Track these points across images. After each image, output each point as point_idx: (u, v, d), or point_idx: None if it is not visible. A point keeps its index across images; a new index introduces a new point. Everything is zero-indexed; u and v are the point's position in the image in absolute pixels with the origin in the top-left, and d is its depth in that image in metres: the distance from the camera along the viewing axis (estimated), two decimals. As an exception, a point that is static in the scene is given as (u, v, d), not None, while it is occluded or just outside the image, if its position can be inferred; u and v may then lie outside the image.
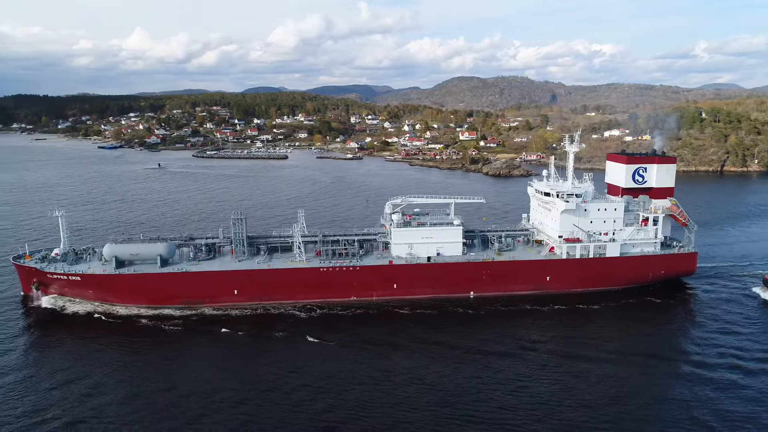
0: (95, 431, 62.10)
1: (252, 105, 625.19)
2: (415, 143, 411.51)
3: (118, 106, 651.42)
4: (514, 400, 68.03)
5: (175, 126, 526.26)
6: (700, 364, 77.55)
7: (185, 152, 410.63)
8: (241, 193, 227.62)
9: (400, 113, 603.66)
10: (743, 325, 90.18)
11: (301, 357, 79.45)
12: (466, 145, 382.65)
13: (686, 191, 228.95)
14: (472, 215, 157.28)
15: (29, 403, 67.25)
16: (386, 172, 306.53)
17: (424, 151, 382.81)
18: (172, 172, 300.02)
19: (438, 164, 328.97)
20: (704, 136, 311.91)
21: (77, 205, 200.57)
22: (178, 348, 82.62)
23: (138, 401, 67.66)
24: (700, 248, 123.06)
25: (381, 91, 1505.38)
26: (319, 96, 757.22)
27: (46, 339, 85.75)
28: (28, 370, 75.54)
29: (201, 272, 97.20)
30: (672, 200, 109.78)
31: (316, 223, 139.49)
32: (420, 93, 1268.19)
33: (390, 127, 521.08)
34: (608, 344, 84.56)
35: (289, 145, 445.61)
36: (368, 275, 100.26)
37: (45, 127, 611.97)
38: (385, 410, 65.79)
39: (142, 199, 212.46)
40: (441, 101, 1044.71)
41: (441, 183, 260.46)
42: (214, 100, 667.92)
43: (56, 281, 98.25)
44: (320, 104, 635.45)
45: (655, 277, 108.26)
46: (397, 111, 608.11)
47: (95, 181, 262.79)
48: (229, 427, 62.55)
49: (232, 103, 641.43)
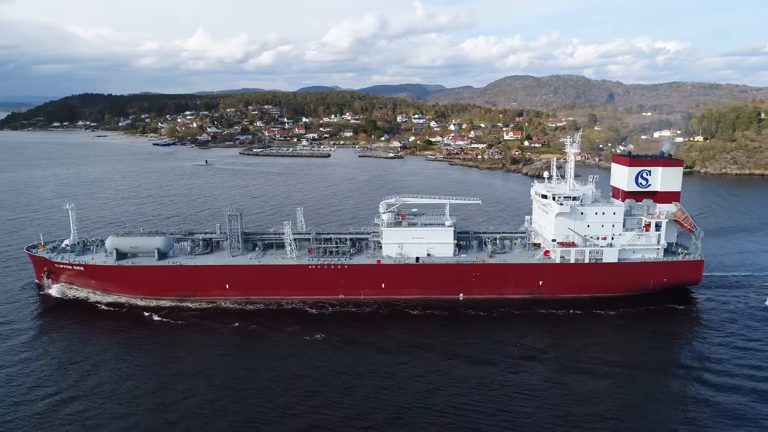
0: (91, 405, 67.40)
1: (302, 104, 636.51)
2: (458, 143, 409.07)
3: (175, 104, 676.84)
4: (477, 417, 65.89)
5: (227, 124, 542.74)
6: (700, 381, 73.65)
7: (233, 150, 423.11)
8: (277, 190, 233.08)
9: (447, 112, 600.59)
10: (748, 340, 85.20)
11: (274, 352, 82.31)
12: (509, 145, 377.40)
13: (731, 195, 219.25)
14: (474, 216, 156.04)
15: (34, 379, 73.38)
16: (425, 172, 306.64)
17: (466, 151, 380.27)
18: (217, 169, 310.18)
19: (478, 164, 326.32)
20: (761, 137, 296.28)
21: (121, 199, 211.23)
22: (165, 334, 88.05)
23: (129, 382, 72.89)
24: (718, 256, 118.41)
25: (433, 90, 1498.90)
26: (368, 95, 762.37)
27: (51, 324, 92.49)
28: (31, 352, 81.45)
29: (194, 266, 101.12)
30: (677, 205, 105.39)
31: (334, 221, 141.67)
32: (472, 92, 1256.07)
33: (436, 126, 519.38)
34: (598, 355, 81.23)
35: (333, 144, 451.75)
36: (356, 274, 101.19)
37: (107, 125, 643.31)
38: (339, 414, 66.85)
39: (184, 194, 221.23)
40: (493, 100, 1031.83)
41: (477, 183, 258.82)
42: (266, 99, 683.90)
43: (63, 271, 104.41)
44: (368, 103, 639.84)
45: (657, 285, 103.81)
46: (444, 110, 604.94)
47: (143, 177, 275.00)
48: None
49: (283, 102, 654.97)
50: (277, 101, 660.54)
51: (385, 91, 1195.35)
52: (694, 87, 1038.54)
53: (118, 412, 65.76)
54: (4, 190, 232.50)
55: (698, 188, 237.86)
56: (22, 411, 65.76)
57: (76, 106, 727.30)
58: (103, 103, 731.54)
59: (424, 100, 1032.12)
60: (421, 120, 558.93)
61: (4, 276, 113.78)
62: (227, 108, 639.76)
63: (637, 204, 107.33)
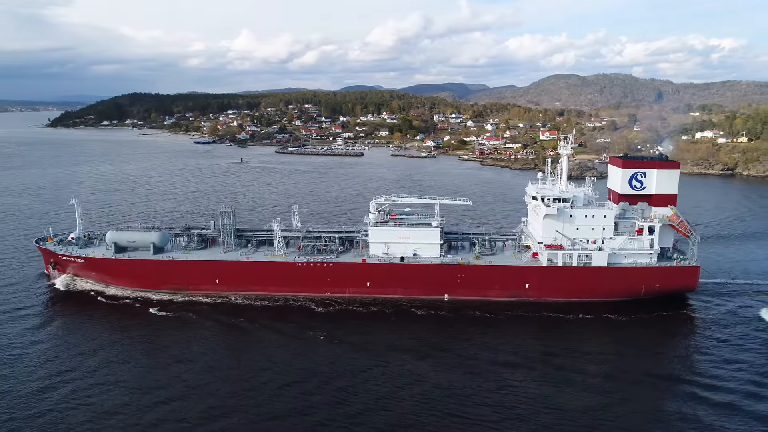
0: (89, 385, 72.88)
1: (341, 103, 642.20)
2: (493, 142, 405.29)
3: (218, 103, 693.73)
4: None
5: (266, 123, 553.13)
6: (685, 394, 70.83)
7: (269, 148, 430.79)
8: (303, 188, 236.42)
9: (486, 112, 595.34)
10: (738, 351, 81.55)
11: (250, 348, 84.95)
12: (545, 146, 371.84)
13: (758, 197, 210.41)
14: (473, 216, 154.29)
15: (37, 361, 78.70)
16: (455, 171, 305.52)
17: (500, 151, 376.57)
18: (251, 167, 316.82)
19: (510, 164, 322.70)
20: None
21: (155, 195, 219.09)
22: (154, 325, 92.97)
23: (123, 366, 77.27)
24: (726, 263, 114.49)
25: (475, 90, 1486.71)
26: (407, 94, 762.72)
27: (51, 312, 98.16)
28: (34, 337, 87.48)
29: (186, 261, 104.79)
30: (673, 209, 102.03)
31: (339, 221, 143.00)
32: (515, 91, 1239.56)
33: (473, 126, 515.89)
34: (580, 364, 78.55)
35: (368, 143, 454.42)
36: (341, 272, 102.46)
37: (153, 123, 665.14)
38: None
39: (214, 191, 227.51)
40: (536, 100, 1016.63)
41: (505, 183, 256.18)
42: (306, 98, 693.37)
43: (68, 263, 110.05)
44: (406, 102, 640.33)
45: (649, 291, 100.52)
46: (481, 110, 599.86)
47: (179, 174, 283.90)
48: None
49: (323, 101, 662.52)
50: (317, 100, 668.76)
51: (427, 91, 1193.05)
52: (749, 86, 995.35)
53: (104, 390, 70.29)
54: (47, 185, 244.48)
55: (736, 191, 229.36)
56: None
57: (125, 105, 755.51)
58: (151, 102, 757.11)
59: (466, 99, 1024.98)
60: (458, 119, 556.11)
61: (27, 265, 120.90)
62: (268, 107, 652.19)
63: (631, 207, 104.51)
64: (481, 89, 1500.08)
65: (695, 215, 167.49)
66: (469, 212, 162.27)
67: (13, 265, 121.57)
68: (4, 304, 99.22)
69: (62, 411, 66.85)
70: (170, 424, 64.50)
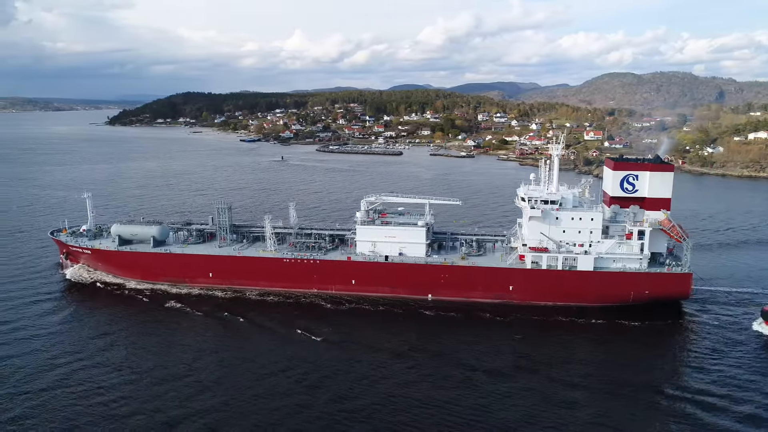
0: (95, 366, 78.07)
1: (386, 102, 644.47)
2: (535, 142, 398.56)
3: (266, 102, 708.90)
4: None
5: (311, 122, 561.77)
6: (663, 408, 67.80)
7: (311, 146, 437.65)
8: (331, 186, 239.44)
9: (533, 111, 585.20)
10: (726, 368, 77.19)
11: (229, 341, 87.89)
12: (588, 146, 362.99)
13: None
14: (482, 216, 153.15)
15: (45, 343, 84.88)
16: (492, 171, 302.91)
17: (541, 151, 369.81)
18: (290, 165, 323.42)
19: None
20: None
21: (193, 190, 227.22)
22: (151, 315, 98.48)
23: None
24: (730, 270, 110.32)
25: (526, 88, 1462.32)
26: (453, 94, 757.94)
27: (63, 300, 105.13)
28: (42, 320, 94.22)
29: (182, 254, 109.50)
30: (665, 213, 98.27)
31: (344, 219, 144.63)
32: (567, 90, 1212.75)
33: (517, 125, 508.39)
34: (556, 372, 76.11)
35: (409, 142, 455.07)
36: (328, 269, 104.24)
37: (204, 122, 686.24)
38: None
39: (249, 187, 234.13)
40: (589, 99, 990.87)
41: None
42: (352, 97, 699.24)
43: (78, 253, 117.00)
44: (451, 102, 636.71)
45: (639, 297, 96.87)
46: (527, 109, 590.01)
47: (220, 170, 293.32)
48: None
49: (369, 100, 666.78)
50: (363, 99, 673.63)
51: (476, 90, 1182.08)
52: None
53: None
54: (97, 180, 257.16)
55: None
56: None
57: (179, 104, 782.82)
58: (203, 101, 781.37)
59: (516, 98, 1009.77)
60: (503, 119, 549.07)
61: (51, 254, 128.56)
62: (315, 106, 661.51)
63: (622, 210, 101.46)
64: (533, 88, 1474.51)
65: (741, 221, 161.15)
66: (469, 212, 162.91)
67: (39, 255, 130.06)
68: (24, 290, 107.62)
69: (66, 385, 72.50)
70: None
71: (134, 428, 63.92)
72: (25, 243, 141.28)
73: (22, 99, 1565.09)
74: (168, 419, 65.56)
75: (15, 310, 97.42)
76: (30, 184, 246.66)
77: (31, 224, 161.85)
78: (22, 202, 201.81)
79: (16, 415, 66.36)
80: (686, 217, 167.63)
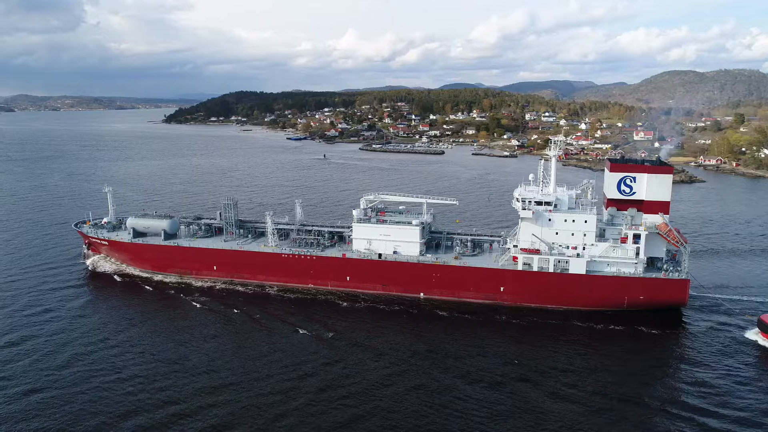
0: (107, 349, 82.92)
1: (434, 101, 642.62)
2: (581, 142, 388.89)
3: (315, 101, 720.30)
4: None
5: (357, 120, 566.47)
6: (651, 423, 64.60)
7: (355, 145, 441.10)
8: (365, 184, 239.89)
9: (584, 110, 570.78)
10: (719, 378, 73.60)
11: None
12: (637, 146, 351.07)
13: None
14: (471, 216, 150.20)
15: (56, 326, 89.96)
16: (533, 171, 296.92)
17: (587, 151, 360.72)
18: (331, 163, 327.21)
19: (592, 165, 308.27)
20: None
21: (233, 186, 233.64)
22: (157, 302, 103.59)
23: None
24: (738, 278, 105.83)
25: (581, 87, 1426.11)
26: (502, 92, 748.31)
27: (83, 287, 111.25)
28: (58, 303, 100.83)
29: (189, 248, 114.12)
30: (664, 217, 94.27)
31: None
32: (623, 89, 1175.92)
33: (565, 125, 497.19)
34: (539, 376, 73.65)
35: (452, 141, 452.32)
36: (323, 265, 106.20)
37: (255, 120, 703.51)
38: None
39: (287, 184, 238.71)
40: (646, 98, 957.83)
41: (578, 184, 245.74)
42: (400, 96, 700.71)
43: (98, 244, 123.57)
44: (499, 101, 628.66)
45: (634, 303, 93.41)
46: (577, 108, 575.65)
47: (262, 168, 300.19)
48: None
49: (417, 99, 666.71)
50: (411, 98, 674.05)
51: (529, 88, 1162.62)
52: None
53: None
54: (146, 176, 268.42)
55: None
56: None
57: (231, 102, 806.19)
58: (254, 100, 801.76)
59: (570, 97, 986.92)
60: (552, 118, 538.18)
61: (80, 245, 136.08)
62: (363, 105, 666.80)
63: (620, 213, 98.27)
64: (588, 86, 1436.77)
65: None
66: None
67: (74, 244, 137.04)
68: (49, 276, 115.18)
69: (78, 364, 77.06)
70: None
71: (140, 403, 68.20)
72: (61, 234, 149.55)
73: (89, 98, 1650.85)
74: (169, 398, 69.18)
75: (41, 294, 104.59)
76: (82, 179, 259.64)
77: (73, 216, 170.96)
78: (73, 195, 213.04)
79: (36, 388, 72.20)
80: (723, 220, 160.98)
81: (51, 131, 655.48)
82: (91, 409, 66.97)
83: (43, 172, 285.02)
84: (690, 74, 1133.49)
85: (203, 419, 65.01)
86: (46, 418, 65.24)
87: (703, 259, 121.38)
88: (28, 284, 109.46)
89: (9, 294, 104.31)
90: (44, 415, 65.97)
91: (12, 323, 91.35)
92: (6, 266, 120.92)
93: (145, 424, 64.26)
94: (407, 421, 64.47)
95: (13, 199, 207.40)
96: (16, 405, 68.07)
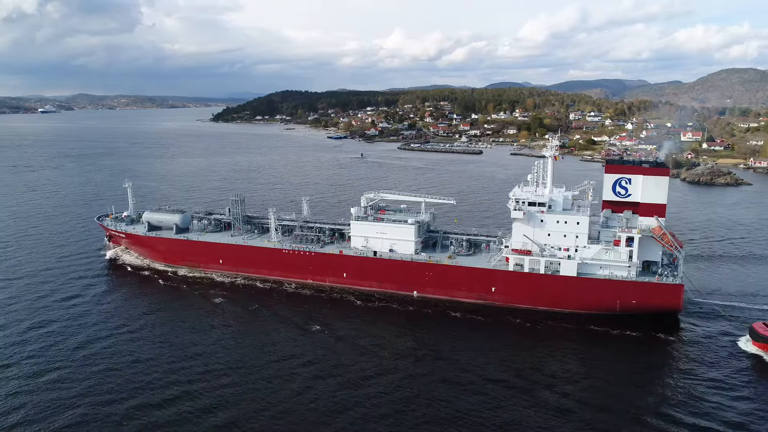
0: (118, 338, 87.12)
1: (476, 100, 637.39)
2: (625, 143, 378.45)
3: (358, 100, 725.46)
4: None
5: (398, 120, 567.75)
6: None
7: (394, 144, 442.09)
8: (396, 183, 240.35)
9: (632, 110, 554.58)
10: (708, 388, 70.93)
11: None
12: (684, 148, 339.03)
13: None
14: (470, 215, 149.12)
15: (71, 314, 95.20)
16: (569, 172, 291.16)
17: (630, 152, 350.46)
18: (368, 162, 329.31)
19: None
20: None
21: (268, 183, 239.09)
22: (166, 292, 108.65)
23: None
24: (736, 283, 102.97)
25: (633, 86, 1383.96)
26: (547, 92, 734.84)
27: (102, 277, 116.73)
28: (77, 291, 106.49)
29: (197, 242, 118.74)
30: (658, 220, 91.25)
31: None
32: (678, 88, 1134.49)
33: (610, 125, 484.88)
34: (523, 380, 72.73)
35: (492, 141, 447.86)
36: (321, 262, 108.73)
37: (299, 119, 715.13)
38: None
39: (321, 183, 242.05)
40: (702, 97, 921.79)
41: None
42: (443, 95, 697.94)
43: (117, 237, 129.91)
44: (544, 100, 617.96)
45: (626, 307, 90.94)
46: (624, 108, 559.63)
47: (299, 165, 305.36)
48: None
49: (459, 98, 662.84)
50: (453, 97, 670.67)
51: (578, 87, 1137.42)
52: None
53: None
54: (188, 173, 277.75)
55: None
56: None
57: (276, 102, 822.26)
58: (299, 99, 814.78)
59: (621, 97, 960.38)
60: (597, 118, 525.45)
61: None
62: (405, 104, 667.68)
63: (615, 215, 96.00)
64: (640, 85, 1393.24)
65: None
66: (466, 212, 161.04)
67: (99, 237, 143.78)
68: (71, 266, 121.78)
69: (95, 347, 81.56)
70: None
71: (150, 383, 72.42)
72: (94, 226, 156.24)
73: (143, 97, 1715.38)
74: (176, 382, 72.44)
75: (63, 283, 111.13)
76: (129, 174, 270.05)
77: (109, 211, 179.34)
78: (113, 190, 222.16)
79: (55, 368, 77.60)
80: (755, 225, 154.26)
81: (105, 129, 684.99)
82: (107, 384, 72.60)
83: (92, 168, 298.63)
84: (750, 72, 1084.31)
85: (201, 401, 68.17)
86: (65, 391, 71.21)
87: (723, 264, 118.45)
88: (55, 273, 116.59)
89: (39, 280, 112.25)
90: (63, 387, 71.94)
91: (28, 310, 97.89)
92: (40, 256, 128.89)
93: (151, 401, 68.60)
94: (391, 409, 66.33)
95: (61, 194, 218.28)
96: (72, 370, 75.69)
